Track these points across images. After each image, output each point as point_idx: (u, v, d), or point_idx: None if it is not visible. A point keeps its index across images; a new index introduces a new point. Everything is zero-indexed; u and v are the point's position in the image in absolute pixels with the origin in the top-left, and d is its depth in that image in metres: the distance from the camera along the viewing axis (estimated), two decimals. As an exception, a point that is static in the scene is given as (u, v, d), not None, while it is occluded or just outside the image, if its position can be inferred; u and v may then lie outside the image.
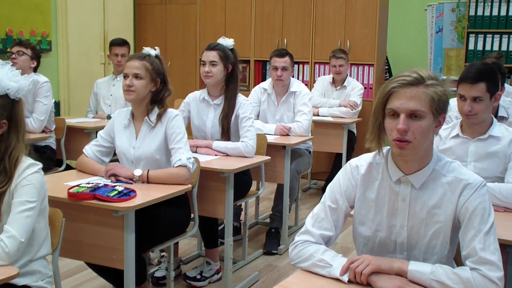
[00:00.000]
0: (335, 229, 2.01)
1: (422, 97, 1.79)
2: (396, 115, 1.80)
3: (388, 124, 1.83)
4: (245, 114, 3.81)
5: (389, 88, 1.81)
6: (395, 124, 1.80)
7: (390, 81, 1.83)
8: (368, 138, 1.92)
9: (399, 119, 1.79)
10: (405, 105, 1.78)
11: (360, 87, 6.07)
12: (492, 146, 2.87)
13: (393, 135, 1.81)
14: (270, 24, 7.05)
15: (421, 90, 1.79)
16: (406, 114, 1.78)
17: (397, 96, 1.80)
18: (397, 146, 1.81)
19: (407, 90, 1.79)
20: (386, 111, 1.83)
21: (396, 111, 1.80)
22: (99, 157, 3.19)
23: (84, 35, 6.90)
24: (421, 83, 1.80)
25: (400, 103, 1.79)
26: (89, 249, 2.77)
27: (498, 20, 6.88)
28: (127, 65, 3.09)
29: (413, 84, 1.79)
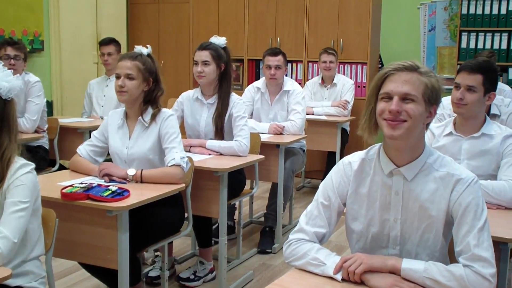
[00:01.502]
0: (328, 226, 2.01)
1: (416, 83, 1.82)
2: (389, 98, 1.82)
3: (381, 106, 1.84)
4: (238, 113, 3.81)
5: (385, 71, 1.84)
6: (388, 106, 1.82)
7: (383, 69, 1.87)
8: (361, 125, 1.94)
9: (391, 102, 1.81)
10: (398, 88, 1.81)
11: (351, 83, 6.10)
12: (485, 144, 2.89)
13: (383, 116, 1.83)
14: (263, 23, 7.05)
15: (415, 76, 1.82)
16: (400, 97, 1.81)
17: (392, 80, 1.83)
18: (388, 126, 1.82)
19: (402, 74, 1.82)
20: (379, 96, 1.85)
21: (390, 94, 1.82)
22: (93, 157, 3.18)
23: (76, 34, 6.87)
24: (415, 70, 1.83)
25: (394, 86, 1.82)
26: (83, 249, 2.76)
27: (490, 18, 6.90)
28: (119, 65, 3.08)
29: (408, 69, 1.83)
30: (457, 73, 2.96)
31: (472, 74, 2.85)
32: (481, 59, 3.05)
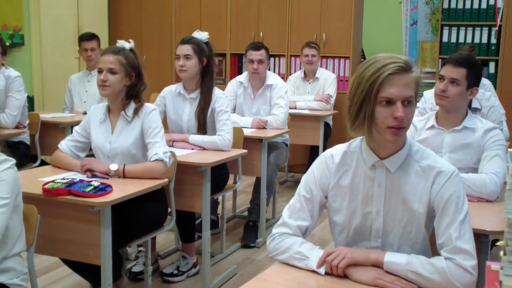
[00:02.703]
0: (311, 219, 2.01)
1: (412, 84, 1.79)
2: (391, 102, 1.77)
3: (382, 112, 1.78)
4: (221, 108, 3.80)
5: (384, 76, 1.75)
6: (389, 111, 1.77)
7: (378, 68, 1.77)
8: (353, 127, 1.86)
9: (394, 107, 1.76)
10: (401, 92, 1.76)
11: (333, 77, 6.14)
12: (466, 137, 2.92)
13: (387, 122, 1.78)
14: (246, 17, 7.04)
15: (412, 76, 1.79)
16: (402, 101, 1.77)
17: (392, 84, 1.76)
18: (392, 133, 1.78)
19: (402, 77, 1.77)
20: (378, 99, 1.78)
21: (392, 99, 1.77)
22: (75, 153, 3.16)
23: (57, 28, 6.81)
24: (410, 68, 1.79)
25: (396, 91, 1.76)
26: (65, 245, 2.74)
27: (471, 13, 6.96)
28: (101, 59, 3.06)
29: (406, 70, 1.78)
30: (442, 65, 2.99)
31: (456, 67, 2.88)
32: (466, 54, 3.07)
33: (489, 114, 3.82)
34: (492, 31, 6.91)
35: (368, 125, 1.81)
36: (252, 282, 1.75)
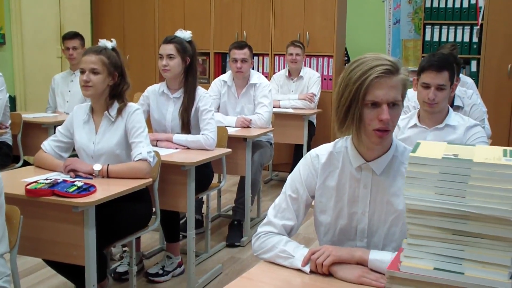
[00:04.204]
0: (296, 218, 2.01)
1: (399, 86, 1.79)
2: (376, 105, 1.77)
3: (368, 114, 1.78)
4: (205, 107, 3.79)
5: (371, 79, 1.75)
6: (376, 114, 1.77)
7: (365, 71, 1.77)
8: (341, 129, 1.86)
9: (379, 109, 1.76)
10: (387, 95, 1.76)
11: (317, 76, 6.15)
12: (448, 134, 2.94)
13: (373, 125, 1.78)
14: (229, 16, 7.03)
15: (398, 79, 1.78)
16: (388, 104, 1.77)
17: (378, 86, 1.76)
18: (377, 136, 1.79)
19: (388, 80, 1.76)
20: (365, 101, 1.77)
21: (378, 102, 1.77)
22: (58, 153, 3.14)
23: (39, 27, 6.75)
24: (397, 71, 1.79)
25: (382, 94, 1.76)
26: (48, 246, 2.73)
27: (453, 12, 7.02)
28: (83, 59, 3.04)
29: (392, 73, 1.77)
30: (421, 71, 2.96)
31: (440, 72, 2.88)
32: (441, 54, 3.08)
33: (471, 112, 3.85)
34: (473, 30, 6.98)
35: (357, 127, 1.82)
36: (237, 281, 1.75)
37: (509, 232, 1.27)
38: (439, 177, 1.32)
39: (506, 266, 1.28)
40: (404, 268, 1.36)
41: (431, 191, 1.33)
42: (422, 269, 1.34)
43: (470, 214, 1.29)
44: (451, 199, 1.31)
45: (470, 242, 1.31)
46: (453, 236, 1.32)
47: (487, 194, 1.27)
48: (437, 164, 1.32)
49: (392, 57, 1.84)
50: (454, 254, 1.33)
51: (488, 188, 1.27)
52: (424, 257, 1.36)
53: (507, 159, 1.30)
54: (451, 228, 1.32)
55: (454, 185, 1.30)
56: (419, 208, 1.34)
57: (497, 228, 1.27)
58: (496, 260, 1.28)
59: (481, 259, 1.30)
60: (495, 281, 1.27)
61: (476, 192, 1.28)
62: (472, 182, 1.29)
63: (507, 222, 1.26)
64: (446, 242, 1.33)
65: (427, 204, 1.33)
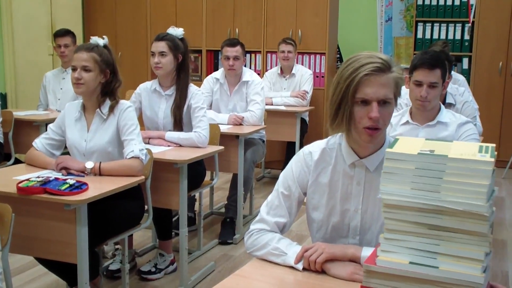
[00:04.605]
0: (289, 216, 2.01)
1: (390, 84, 1.78)
2: (366, 102, 1.77)
3: (358, 112, 1.78)
4: (197, 104, 3.79)
5: (361, 76, 1.75)
6: (366, 112, 1.77)
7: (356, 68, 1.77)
8: (332, 126, 1.87)
9: (369, 107, 1.76)
10: (377, 93, 1.76)
11: (309, 73, 6.16)
12: (440, 131, 2.95)
13: (363, 123, 1.78)
14: (221, 14, 7.02)
15: (390, 77, 1.78)
16: (378, 102, 1.77)
17: (369, 84, 1.76)
18: (367, 134, 1.79)
19: (378, 78, 1.76)
20: (355, 99, 1.78)
21: (368, 100, 1.77)
22: (50, 151, 3.13)
23: (30, 25, 6.72)
24: (388, 69, 1.78)
25: (372, 91, 1.76)
26: (40, 244, 2.72)
27: (445, 9, 7.04)
28: (75, 57, 3.02)
29: (383, 71, 1.77)
30: (413, 69, 2.97)
31: (432, 70, 2.89)
32: (433, 52, 3.09)
33: (463, 109, 3.87)
34: (465, 27, 7.00)
35: (347, 125, 1.82)
36: (230, 279, 1.75)
37: (482, 227, 1.29)
38: (415, 173, 1.34)
39: (479, 260, 1.30)
40: (381, 262, 1.38)
41: (407, 186, 1.35)
42: (398, 263, 1.36)
43: (444, 209, 1.31)
44: (427, 194, 1.33)
45: (445, 237, 1.33)
46: (428, 230, 1.34)
47: (461, 190, 1.29)
48: (413, 160, 1.34)
49: (385, 55, 1.84)
50: (430, 249, 1.34)
51: (463, 184, 1.29)
52: (400, 251, 1.37)
53: (482, 155, 1.32)
54: (426, 222, 1.34)
55: (429, 180, 1.32)
56: (395, 203, 1.36)
57: (471, 223, 1.29)
58: (470, 254, 1.30)
59: (455, 253, 1.32)
60: (469, 275, 1.29)
61: (451, 188, 1.30)
62: (447, 178, 1.31)
63: (480, 217, 1.28)
64: (422, 237, 1.35)
65: (403, 199, 1.35)
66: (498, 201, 5.74)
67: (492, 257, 3.74)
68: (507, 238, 4.68)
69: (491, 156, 1.30)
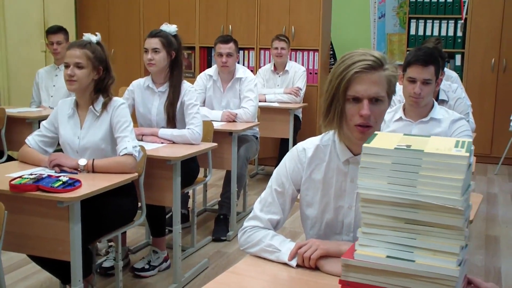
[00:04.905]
0: (282, 212, 2.01)
1: (382, 82, 1.78)
2: (358, 100, 1.78)
3: (350, 109, 1.79)
4: (190, 101, 3.79)
5: (351, 74, 1.76)
6: (357, 109, 1.78)
7: (348, 66, 1.78)
8: (325, 123, 1.88)
9: (360, 104, 1.77)
10: (368, 91, 1.76)
11: (303, 70, 6.16)
12: (433, 128, 2.96)
13: (355, 120, 1.79)
14: (214, 10, 7.01)
15: (382, 74, 1.78)
16: (369, 99, 1.77)
17: (359, 82, 1.76)
18: (359, 131, 1.79)
19: (369, 76, 1.76)
20: (346, 96, 1.79)
21: (359, 97, 1.77)
22: (42, 148, 3.12)
23: (23, 22, 6.68)
24: (381, 66, 1.78)
25: (363, 89, 1.76)
26: (33, 241, 2.71)
27: (438, 6, 7.06)
28: (68, 54, 3.01)
29: (374, 68, 1.77)
30: (407, 66, 2.98)
31: (426, 67, 2.90)
32: (427, 48, 3.10)
33: (456, 105, 3.88)
34: (458, 24, 7.02)
35: (338, 122, 1.82)
36: (224, 276, 1.75)
37: (457, 221, 1.30)
38: (392, 167, 1.35)
39: (455, 254, 1.31)
40: (358, 256, 1.39)
41: (384, 181, 1.36)
42: (375, 257, 1.37)
43: (421, 204, 1.32)
44: (403, 188, 1.34)
45: (421, 231, 1.34)
46: (405, 225, 1.35)
47: (437, 184, 1.30)
48: (390, 155, 1.35)
49: (380, 53, 1.84)
50: (406, 243, 1.36)
51: (438, 178, 1.30)
52: (378, 245, 1.38)
53: (457, 149, 1.33)
54: (403, 217, 1.35)
55: (406, 175, 1.33)
56: (372, 198, 1.37)
57: (446, 217, 1.30)
58: (446, 248, 1.31)
59: (431, 247, 1.33)
60: (444, 268, 1.30)
61: (427, 182, 1.31)
62: (423, 172, 1.32)
63: (455, 211, 1.29)
64: (399, 231, 1.36)
65: (380, 194, 1.36)
66: (491, 198, 5.77)
67: (485, 253, 3.76)
68: (499, 234, 4.70)
69: (467, 151, 1.32)
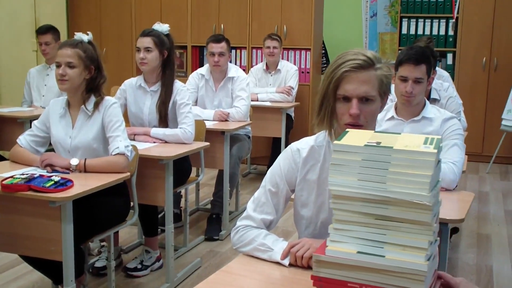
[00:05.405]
0: (276, 213, 2.01)
1: (373, 81, 1.79)
2: (348, 99, 1.79)
3: (340, 108, 1.81)
4: (182, 101, 3.78)
5: (340, 73, 1.78)
6: (347, 108, 1.79)
7: (339, 65, 1.80)
8: (316, 122, 1.89)
9: (350, 103, 1.78)
10: (357, 90, 1.77)
11: (295, 69, 6.17)
12: (426, 127, 2.97)
13: (344, 119, 1.80)
14: (206, 9, 7.00)
15: (372, 74, 1.79)
16: (358, 98, 1.78)
17: (349, 81, 1.78)
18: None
19: (359, 75, 1.77)
20: (337, 96, 1.80)
21: (348, 96, 1.78)
22: (34, 148, 3.11)
23: (14, 21, 6.65)
24: (371, 66, 1.79)
25: (352, 88, 1.77)
26: (25, 241, 2.70)
27: (429, 5, 7.08)
28: (59, 53, 3.00)
29: (364, 68, 1.78)
30: (400, 64, 2.99)
31: (417, 66, 2.91)
32: (419, 47, 3.11)
33: (447, 104, 3.89)
34: (449, 23, 7.05)
35: (328, 121, 1.83)
36: (216, 275, 1.75)
37: (426, 217, 1.32)
38: (362, 164, 1.36)
39: (423, 249, 1.33)
40: (330, 252, 1.41)
41: (354, 177, 1.37)
42: (346, 253, 1.39)
43: (390, 200, 1.34)
44: (373, 185, 1.35)
45: (391, 227, 1.36)
46: (375, 220, 1.37)
47: (405, 180, 1.32)
48: (360, 152, 1.37)
49: (374, 53, 1.85)
50: (377, 238, 1.37)
51: (407, 174, 1.32)
52: (349, 241, 1.40)
53: (426, 146, 1.35)
54: (373, 213, 1.37)
55: (375, 171, 1.35)
56: (343, 194, 1.39)
57: (415, 212, 1.32)
58: (415, 243, 1.33)
59: (401, 242, 1.35)
60: (413, 263, 1.32)
61: (396, 178, 1.33)
62: (392, 169, 1.33)
63: (423, 207, 1.31)
64: (369, 227, 1.38)
65: (350, 190, 1.38)
66: (483, 196, 5.80)
67: (476, 252, 3.78)
68: (491, 232, 4.72)
69: (435, 147, 1.34)
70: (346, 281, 1.39)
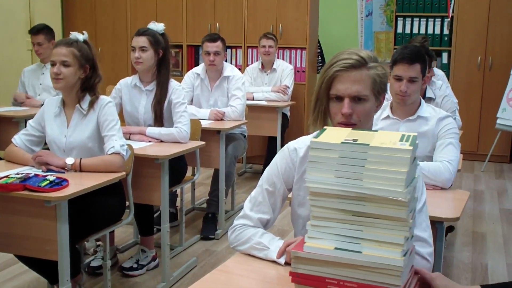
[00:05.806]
0: (273, 212, 2.01)
1: (365, 80, 1.79)
2: (340, 99, 1.80)
3: (333, 108, 1.82)
4: (178, 100, 3.78)
5: (332, 73, 1.79)
6: (340, 107, 1.80)
7: (332, 64, 1.81)
8: (311, 122, 1.90)
9: (343, 103, 1.79)
10: (349, 89, 1.78)
11: (290, 68, 6.17)
12: (421, 126, 2.97)
13: (337, 118, 1.81)
14: (202, 8, 6.99)
15: (364, 73, 1.79)
16: (350, 98, 1.78)
17: (341, 80, 1.79)
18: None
19: (351, 74, 1.78)
20: (330, 95, 1.82)
21: (340, 96, 1.79)
22: (29, 147, 3.10)
23: (8, 20, 6.63)
24: (364, 65, 1.80)
25: (344, 88, 1.78)
26: (20, 241, 2.69)
27: (424, 4, 7.09)
28: (54, 52, 3.00)
29: (356, 67, 1.78)
30: (394, 63, 2.99)
31: (412, 65, 2.91)
32: (413, 46, 3.12)
33: (443, 103, 3.91)
34: (444, 22, 7.06)
35: (322, 120, 1.85)
36: (212, 274, 1.75)
37: (401, 213, 1.33)
38: (339, 161, 1.38)
39: (399, 245, 1.34)
40: (307, 248, 1.42)
41: (331, 174, 1.39)
42: (323, 249, 1.40)
43: (366, 196, 1.35)
44: (350, 181, 1.37)
45: (367, 223, 1.37)
46: (352, 217, 1.39)
47: (381, 177, 1.34)
48: (337, 149, 1.38)
49: (369, 52, 1.85)
50: (353, 234, 1.39)
51: (383, 171, 1.33)
52: (326, 237, 1.42)
53: (402, 143, 1.36)
54: (350, 209, 1.38)
55: (352, 168, 1.37)
56: (320, 191, 1.40)
57: (390, 208, 1.34)
58: (391, 239, 1.35)
59: (377, 238, 1.36)
60: (389, 259, 1.33)
61: (372, 175, 1.35)
62: (369, 166, 1.35)
63: (399, 203, 1.33)
64: (346, 223, 1.40)
65: (327, 187, 1.39)
66: (478, 195, 5.81)
67: (471, 250, 3.80)
68: (486, 231, 4.73)
69: (411, 144, 1.35)
70: (324, 277, 1.40)
